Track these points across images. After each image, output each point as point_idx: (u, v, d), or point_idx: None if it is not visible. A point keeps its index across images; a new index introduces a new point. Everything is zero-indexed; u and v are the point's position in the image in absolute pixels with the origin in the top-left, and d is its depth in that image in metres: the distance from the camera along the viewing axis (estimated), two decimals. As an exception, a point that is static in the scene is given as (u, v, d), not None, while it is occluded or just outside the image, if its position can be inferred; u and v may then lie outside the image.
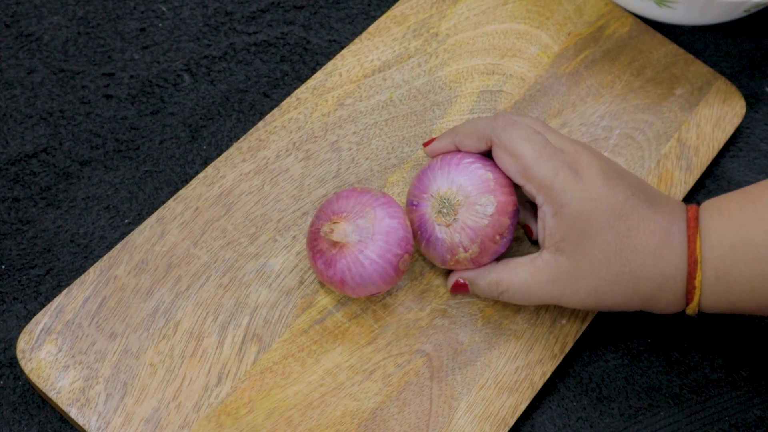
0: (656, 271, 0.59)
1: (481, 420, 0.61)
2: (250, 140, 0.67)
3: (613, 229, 0.59)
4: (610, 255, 0.59)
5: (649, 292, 0.60)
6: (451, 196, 0.61)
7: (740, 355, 0.66)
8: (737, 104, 0.76)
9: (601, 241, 0.59)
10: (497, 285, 0.61)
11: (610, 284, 0.59)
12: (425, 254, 0.63)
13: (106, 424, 0.57)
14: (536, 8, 0.77)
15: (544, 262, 0.60)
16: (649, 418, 0.64)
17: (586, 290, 0.60)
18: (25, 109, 0.70)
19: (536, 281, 0.60)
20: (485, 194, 0.60)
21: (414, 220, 0.62)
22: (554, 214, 0.59)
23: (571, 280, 0.59)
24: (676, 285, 0.60)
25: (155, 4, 0.75)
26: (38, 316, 0.59)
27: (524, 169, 0.60)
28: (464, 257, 0.61)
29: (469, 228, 0.60)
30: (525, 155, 0.60)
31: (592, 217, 0.59)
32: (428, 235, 0.62)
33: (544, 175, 0.59)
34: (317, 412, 0.59)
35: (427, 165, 0.63)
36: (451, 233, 0.61)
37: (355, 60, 0.72)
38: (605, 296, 0.60)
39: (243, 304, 0.62)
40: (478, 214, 0.60)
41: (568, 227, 0.59)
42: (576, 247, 0.59)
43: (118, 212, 0.67)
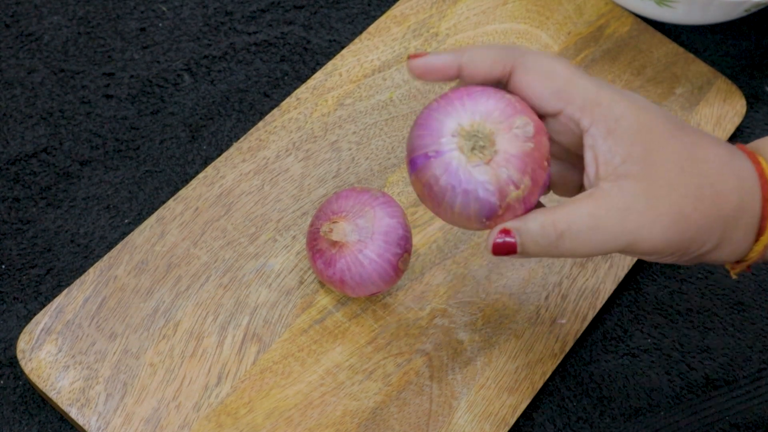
0: (734, 182, 0.51)
1: (481, 420, 0.61)
2: (250, 140, 0.68)
3: (677, 139, 0.50)
4: (684, 165, 0.50)
5: (732, 212, 0.51)
6: (481, 127, 0.49)
7: (740, 355, 0.66)
8: (738, 103, 0.76)
9: (671, 152, 0.50)
10: (554, 226, 0.49)
11: (693, 201, 0.50)
12: (459, 217, 0.50)
13: (106, 424, 0.57)
14: (536, 8, 0.77)
15: (605, 193, 0.49)
16: (649, 418, 0.64)
17: (669, 213, 0.49)
18: (25, 109, 0.70)
19: (605, 213, 0.49)
20: (516, 115, 0.50)
21: (434, 178, 0.49)
22: (609, 133, 0.49)
23: (649, 202, 0.49)
24: (755, 204, 0.51)
25: (155, 4, 0.75)
26: (38, 316, 0.59)
27: (561, 88, 0.50)
28: (516, 197, 0.49)
29: (515, 156, 0.49)
30: (560, 72, 0.50)
31: (653, 126, 0.50)
32: (464, 185, 0.49)
33: (587, 89, 0.50)
34: (317, 412, 0.59)
35: (424, 110, 0.51)
36: (495, 170, 0.49)
37: (355, 60, 0.72)
38: (690, 220, 0.50)
39: (243, 304, 0.62)
40: (519, 138, 0.49)
41: (630, 143, 0.49)
42: (645, 164, 0.49)
43: (118, 212, 0.67)
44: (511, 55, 0.51)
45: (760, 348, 0.67)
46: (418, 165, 0.50)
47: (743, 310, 0.68)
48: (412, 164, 0.50)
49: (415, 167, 0.50)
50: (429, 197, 0.50)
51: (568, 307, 0.65)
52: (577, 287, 0.66)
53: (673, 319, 0.67)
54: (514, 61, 0.51)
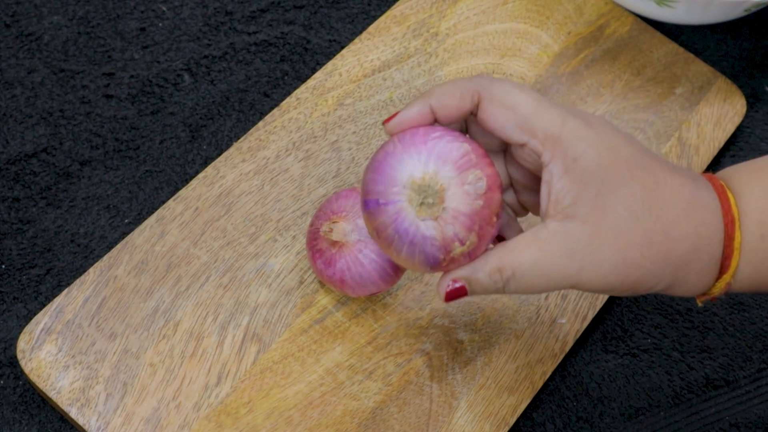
0: (690, 228, 0.50)
1: (481, 419, 0.61)
2: (250, 140, 0.67)
3: (637, 180, 0.50)
4: (637, 211, 0.49)
5: (683, 257, 0.51)
6: (432, 181, 0.49)
7: (740, 355, 0.66)
8: (738, 103, 0.76)
9: (626, 195, 0.49)
10: (500, 272, 0.50)
11: (640, 248, 0.50)
12: (405, 263, 0.51)
13: (106, 424, 0.57)
14: (536, 8, 0.77)
15: (551, 234, 0.50)
16: (649, 418, 0.64)
17: (612, 259, 0.49)
18: (25, 109, 0.70)
19: (548, 257, 0.49)
20: (470, 170, 0.50)
21: (383, 225, 0.50)
22: (565, 171, 0.49)
23: (592, 248, 0.49)
24: (713, 247, 0.51)
25: (155, 4, 0.75)
26: (38, 316, 0.59)
27: (524, 120, 0.50)
28: (460, 252, 0.50)
29: (463, 214, 0.50)
30: (523, 104, 0.50)
31: (612, 167, 0.49)
32: (410, 237, 0.50)
33: (551, 123, 0.50)
34: (317, 412, 0.59)
35: (380, 152, 0.51)
36: (441, 226, 0.50)
37: (355, 60, 0.72)
38: (634, 266, 0.50)
39: (243, 304, 0.62)
40: (470, 196, 0.50)
41: (583, 184, 0.49)
42: (594, 207, 0.49)
43: (118, 212, 0.67)
44: (477, 86, 0.51)
45: (760, 348, 0.67)
46: (369, 208, 0.51)
47: (743, 310, 0.68)
48: (365, 205, 0.51)
49: (367, 209, 0.51)
50: (379, 238, 0.51)
51: (568, 307, 0.65)
52: (577, 287, 0.66)
53: (673, 319, 0.67)
54: (481, 91, 0.51)
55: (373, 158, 0.51)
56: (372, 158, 0.51)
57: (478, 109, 0.51)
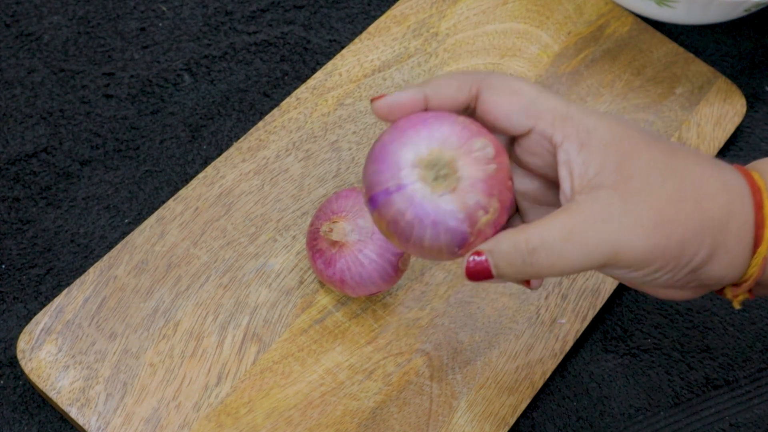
0: (719, 185, 0.49)
1: (481, 419, 0.60)
2: (250, 140, 0.68)
3: (653, 146, 0.48)
4: (663, 171, 0.48)
5: (718, 214, 0.48)
6: (440, 154, 0.47)
7: (740, 355, 0.66)
8: (738, 103, 0.76)
9: (647, 159, 0.48)
10: (526, 242, 0.46)
11: (675, 203, 0.47)
12: (430, 251, 0.48)
13: (106, 424, 0.57)
14: (536, 8, 0.77)
15: (581, 204, 0.47)
16: (649, 418, 0.64)
17: (650, 217, 0.47)
18: (25, 109, 0.70)
19: (581, 222, 0.46)
20: (474, 138, 0.48)
21: (399, 213, 0.47)
22: (582, 146, 0.47)
23: (626, 208, 0.46)
24: (745, 208, 0.49)
25: (155, 4, 0.75)
26: (38, 316, 0.59)
27: (529, 104, 0.48)
28: (486, 221, 0.47)
29: (480, 180, 0.47)
30: (526, 90, 0.49)
31: (627, 136, 0.48)
32: (432, 216, 0.46)
33: (556, 105, 0.48)
34: (317, 412, 0.59)
35: (377, 144, 0.49)
36: (462, 197, 0.47)
37: (355, 60, 0.72)
38: (674, 222, 0.47)
39: (243, 303, 0.62)
40: (481, 161, 0.47)
41: (603, 154, 0.47)
42: (619, 173, 0.47)
43: (118, 212, 0.67)
44: (476, 78, 0.49)
45: (760, 348, 0.67)
46: (379, 202, 0.47)
47: (743, 310, 0.68)
48: (373, 201, 0.48)
49: (376, 204, 0.47)
50: (395, 233, 0.48)
51: (568, 307, 0.65)
52: (577, 287, 0.66)
53: (673, 319, 0.67)
54: (479, 83, 0.49)
55: (370, 153, 0.49)
56: (369, 153, 0.49)
57: (477, 102, 0.50)
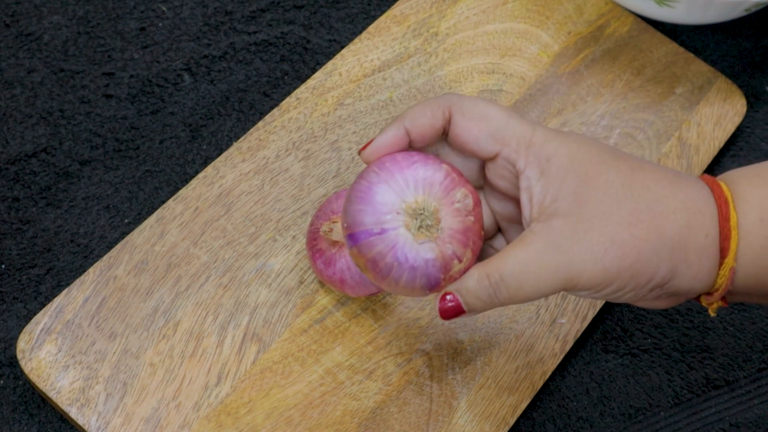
0: (677, 203, 0.49)
1: (481, 419, 0.61)
2: (250, 140, 0.67)
3: (613, 168, 0.50)
4: (618, 193, 0.49)
5: (677, 234, 0.49)
6: (426, 204, 0.50)
7: (740, 355, 0.66)
8: (738, 103, 0.76)
9: (605, 182, 0.49)
10: (488, 278, 0.49)
11: (628, 227, 0.49)
12: (403, 290, 0.51)
13: (106, 424, 0.57)
14: (536, 7, 0.77)
15: (535, 233, 0.49)
16: (649, 418, 0.64)
17: (601, 242, 0.48)
18: (25, 109, 0.70)
19: (533, 254, 0.49)
20: (456, 188, 0.50)
21: (380, 255, 0.49)
22: (542, 173, 0.49)
23: (577, 236, 0.48)
24: (706, 222, 0.49)
25: (155, 4, 0.75)
26: (38, 316, 0.59)
27: (497, 130, 0.50)
28: (458, 270, 0.50)
29: (458, 232, 0.50)
30: (494, 115, 0.51)
31: (586, 160, 0.49)
32: (410, 262, 0.49)
33: (522, 131, 0.50)
34: (317, 412, 0.59)
35: (362, 182, 0.50)
36: (441, 247, 0.50)
37: (355, 60, 0.72)
38: (626, 245, 0.48)
39: (243, 303, 0.62)
40: (461, 213, 0.50)
41: (560, 181, 0.49)
42: (574, 199, 0.49)
43: (118, 212, 0.67)
44: (448, 103, 0.51)
45: (760, 348, 0.67)
46: (360, 241, 0.50)
47: (743, 310, 0.68)
48: (353, 238, 0.50)
49: (357, 242, 0.50)
50: (372, 270, 0.50)
51: (568, 307, 0.65)
52: (577, 287, 0.66)
53: (673, 319, 0.67)
54: (451, 107, 0.51)
55: (354, 189, 0.50)
56: (352, 189, 0.50)
57: (449, 125, 0.52)
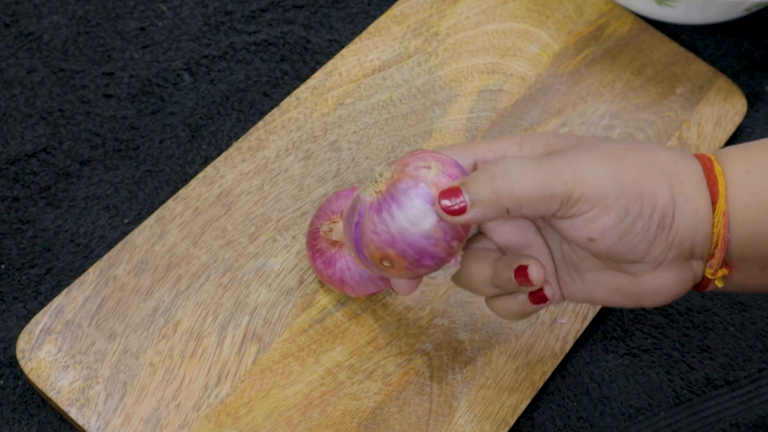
0: (660, 149, 0.52)
1: (481, 419, 0.60)
2: (250, 140, 0.67)
3: (603, 141, 0.53)
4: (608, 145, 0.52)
5: (667, 165, 0.51)
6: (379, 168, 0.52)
7: (740, 355, 0.66)
8: (738, 103, 0.76)
9: (592, 140, 0.53)
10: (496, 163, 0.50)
11: (623, 152, 0.51)
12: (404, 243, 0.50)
13: (106, 424, 0.57)
14: (536, 7, 0.77)
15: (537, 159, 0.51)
16: (649, 418, 0.64)
17: (605, 155, 0.50)
18: (24, 109, 0.70)
19: (545, 157, 0.50)
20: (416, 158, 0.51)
21: (371, 233, 0.51)
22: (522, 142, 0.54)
23: (579, 152, 0.50)
24: (690, 162, 0.52)
25: (155, 4, 0.75)
26: (38, 316, 0.59)
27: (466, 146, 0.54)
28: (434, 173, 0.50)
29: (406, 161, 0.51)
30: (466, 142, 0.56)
31: (575, 138, 0.53)
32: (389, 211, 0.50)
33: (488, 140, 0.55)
34: (317, 412, 0.59)
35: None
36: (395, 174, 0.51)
37: (354, 59, 0.72)
38: (626, 162, 0.50)
39: (243, 303, 0.62)
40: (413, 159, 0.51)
41: (545, 142, 0.53)
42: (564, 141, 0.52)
43: (117, 212, 0.67)
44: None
45: (760, 348, 0.67)
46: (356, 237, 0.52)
47: (743, 310, 0.68)
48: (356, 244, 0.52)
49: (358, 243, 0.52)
50: (384, 248, 0.51)
51: (568, 306, 0.65)
52: (577, 287, 0.66)
53: (673, 319, 0.67)
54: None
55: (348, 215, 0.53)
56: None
57: None
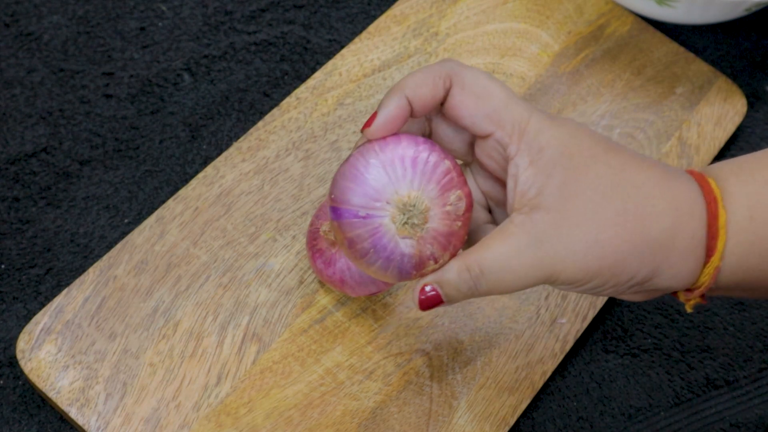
0: (665, 204, 0.49)
1: (481, 419, 0.60)
2: (250, 140, 0.67)
3: (602, 162, 0.49)
4: (606, 191, 0.48)
5: (662, 234, 0.48)
6: (417, 201, 0.49)
7: (740, 355, 0.66)
8: (738, 102, 0.76)
9: (593, 178, 0.48)
10: (468, 270, 0.49)
11: (613, 227, 0.48)
12: (374, 273, 0.50)
13: (106, 424, 0.57)
14: (536, 7, 0.77)
15: (517, 226, 0.48)
16: (649, 418, 0.64)
17: (584, 240, 0.48)
18: (24, 109, 0.70)
19: (514, 248, 0.48)
20: (452, 190, 0.49)
21: (359, 237, 0.49)
22: (531, 163, 0.48)
23: (560, 232, 0.48)
24: (693, 222, 0.49)
25: (155, 4, 0.75)
26: (38, 316, 0.59)
27: (494, 111, 0.49)
28: (432, 269, 0.50)
29: (442, 235, 0.49)
30: (495, 94, 0.49)
31: (576, 153, 0.48)
32: (387, 253, 0.49)
33: (519, 116, 0.49)
34: (317, 412, 0.59)
35: (360, 159, 0.49)
36: (420, 246, 0.49)
37: (354, 59, 0.72)
38: (609, 246, 0.48)
39: (243, 303, 0.62)
40: (450, 217, 0.49)
41: (548, 175, 0.48)
42: (560, 195, 0.48)
43: (117, 212, 0.67)
44: (449, 72, 0.50)
45: (760, 348, 0.67)
46: (343, 217, 0.49)
47: (743, 310, 0.68)
48: (336, 213, 0.49)
49: (340, 217, 0.49)
50: (348, 248, 0.50)
51: (568, 306, 0.65)
52: (577, 287, 0.66)
53: (673, 319, 0.67)
54: (453, 76, 0.50)
55: (350, 163, 0.49)
56: (348, 161, 0.49)
57: (447, 96, 0.50)
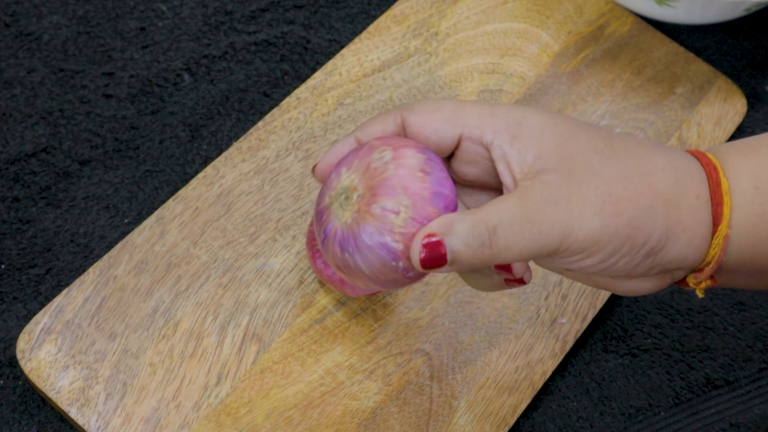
0: (664, 162, 0.47)
1: (481, 419, 0.60)
2: (250, 140, 0.67)
3: (590, 130, 0.47)
4: (603, 149, 0.47)
5: (668, 190, 0.47)
6: (343, 182, 0.46)
7: (740, 355, 0.66)
8: (738, 102, 0.76)
9: (587, 140, 0.47)
10: (484, 222, 0.44)
11: (621, 180, 0.46)
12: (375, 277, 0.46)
13: (106, 424, 0.57)
14: (536, 7, 0.77)
15: (527, 188, 0.45)
16: (649, 418, 0.64)
17: (598, 194, 0.45)
18: (24, 109, 0.70)
19: (532, 203, 0.45)
20: (372, 151, 0.46)
21: (333, 257, 0.47)
22: (513, 137, 0.46)
23: (572, 189, 0.45)
24: (695, 182, 0.47)
25: (155, 4, 0.75)
26: (38, 316, 0.59)
27: (452, 113, 0.48)
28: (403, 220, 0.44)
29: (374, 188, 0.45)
30: (447, 105, 0.48)
31: (558, 124, 0.47)
32: (351, 244, 0.45)
33: (479, 109, 0.47)
34: (317, 412, 0.59)
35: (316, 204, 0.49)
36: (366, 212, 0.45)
37: (354, 59, 0.72)
38: (623, 199, 0.46)
39: (243, 303, 0.62)
40: (377, 170, 0.45)
41: (538, 138, 0.46)
42: (558, 154, 0.46)
43: (117, 212, 0.67)
44: (398, 110, 0.49)
45: (760, 348, 0.67)
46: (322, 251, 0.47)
47: (743, 310, 0.68)
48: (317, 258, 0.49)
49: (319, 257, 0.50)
50: (343, 271, 0.47)
51: (568, 306, 0.65)
52: (577, 287, 0.66)
53: (673, 319, 0.67)
54: (403, 111, 0.49)
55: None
56: None
57: (405, 129, 0.49)
